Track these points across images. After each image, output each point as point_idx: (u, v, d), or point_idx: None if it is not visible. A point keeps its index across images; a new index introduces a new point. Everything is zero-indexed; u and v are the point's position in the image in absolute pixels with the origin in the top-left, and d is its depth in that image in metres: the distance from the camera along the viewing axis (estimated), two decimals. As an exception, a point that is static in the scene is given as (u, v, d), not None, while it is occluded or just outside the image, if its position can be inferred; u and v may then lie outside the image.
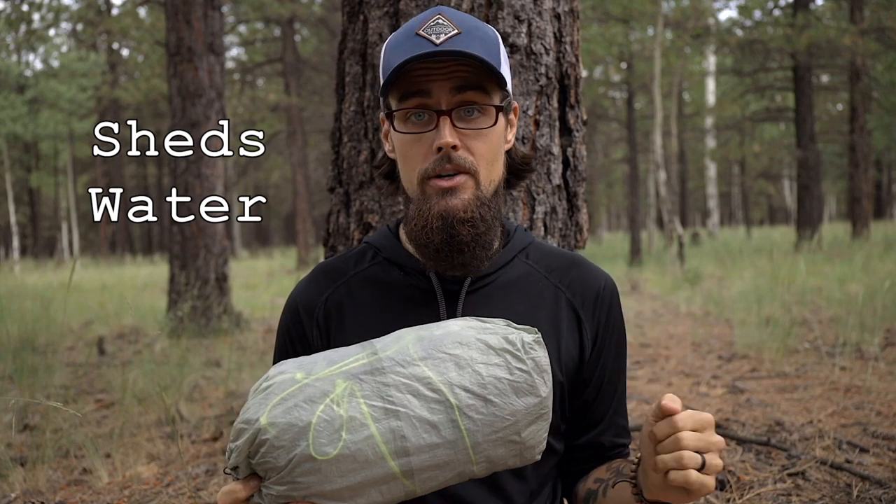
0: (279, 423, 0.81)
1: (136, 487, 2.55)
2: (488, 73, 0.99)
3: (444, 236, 0.99)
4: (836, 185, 35.74)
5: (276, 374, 0.87)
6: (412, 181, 1.03)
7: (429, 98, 0.99)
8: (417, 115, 1.01)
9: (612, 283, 1.15)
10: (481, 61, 0.97)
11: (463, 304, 1.06)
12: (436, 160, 0.99)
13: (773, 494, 2.17)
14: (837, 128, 22.34)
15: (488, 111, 1.01)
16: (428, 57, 0.96)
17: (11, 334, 5.00)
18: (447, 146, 0.98)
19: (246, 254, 31.73)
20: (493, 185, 1.04)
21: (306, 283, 1.15)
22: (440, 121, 0.99)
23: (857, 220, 15.85)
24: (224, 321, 6.49)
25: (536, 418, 0.87)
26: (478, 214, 1.00)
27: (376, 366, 0.85)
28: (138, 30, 19.02)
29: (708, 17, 17.13)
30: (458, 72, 0.99)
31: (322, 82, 22.85)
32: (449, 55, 0.96)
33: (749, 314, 5.73)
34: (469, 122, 1.00)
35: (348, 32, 1.95)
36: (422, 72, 0.99)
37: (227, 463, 0.85)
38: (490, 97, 1.02)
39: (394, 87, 1.01)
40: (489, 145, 1.02)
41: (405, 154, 1.03)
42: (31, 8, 24.36)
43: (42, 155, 29.64)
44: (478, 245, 1.01)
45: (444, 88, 0.99)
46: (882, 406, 3.16)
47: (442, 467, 0.84)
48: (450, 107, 0.99)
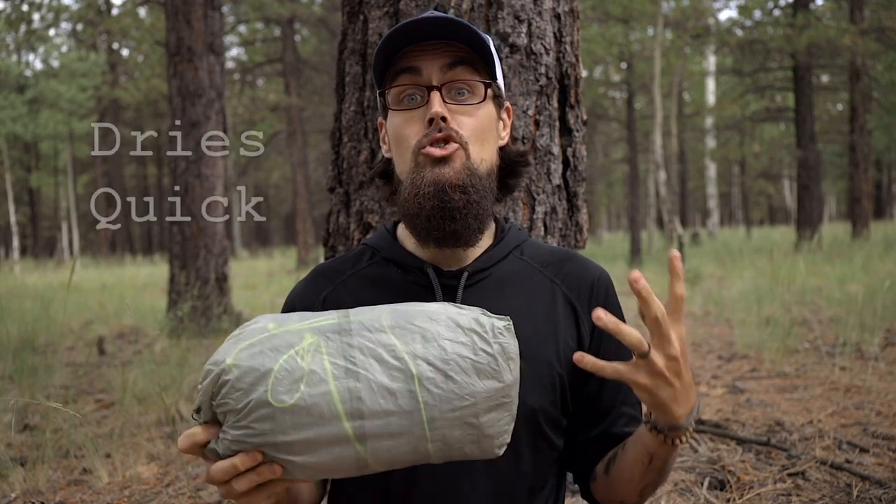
0: (242, 366, 0.82)
1: (136, 487, 2.55)
2: (478, 50, 1.03)
3: (436, 202, 1.00)
4: (836, 185, 35.76)
5: (250, 324, 0.89)
6: (406, 160, 1.05)
7: (419, 76, 1.03)
8: (409, 97, 1.04)
9: (606, 275, 1.16)
10: (469, 31, 1.01)
11: (461, 298, 1.07)
12: (427, 132, 1.02)
13: (773, 494, 2.17)
14: (837, 128, 22.35)
15: (477, 88, 1.05)
16: (416, 29, 1.00)
17: (11, 334, 5.00)
18: (437, 115, 1.01)
19: (246, 254, 31.73)
20: (485, 165, 1.06)
21: (304, 284, 1.16)
22: (430, 95, 1.02)
23: (857, 220, 15.85)
24: (224, 321, 6.49)
25: (497, 406, 0.87)
26: (468, 181, 1.01)
27: (344, 327, 0.86)
28: (138, 30, 19.02)
29: (708, 17, 17.14)
30: (448, 50, 1.03)
31: (322, 82, 22.86)
32: (437, 24, 1.00)
33: (749, 314, 5.73)
34: (459, 99, 1.04)
35: (348, 32, 1.95)
36: (413, 52, 1.03)
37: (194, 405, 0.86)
38: (479, 75, 1.05)
39: (386, 71, 1.05)
40: (478, 121, 1.05)
41: (399, 136, 1.05)
42: (31, 8, 24.36)
43: (42, 155, 29.65)
44: (469, 213, 1.02)
45: (435, 65, 1.02)
46: (882, 406, 3.16)
47: (395, 437, 0.84)
48: (440, 83, 1.03)
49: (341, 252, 1.95)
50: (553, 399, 1.07)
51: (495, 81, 1.08)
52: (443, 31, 1.02)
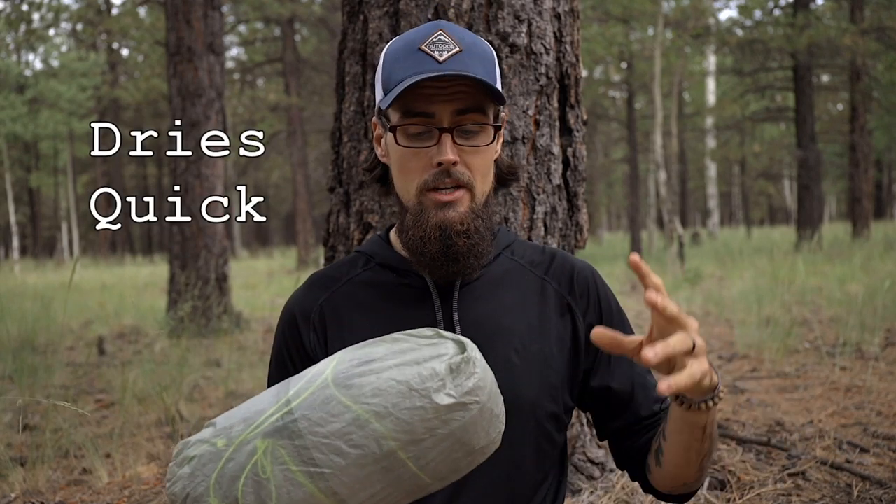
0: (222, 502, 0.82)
1: (136, 487, 2.55)
2: (488, 93, 1.04)
3: (441, 246, 1.03)
4: (837, 185, 35.73)
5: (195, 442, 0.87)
6: (410, 191, 1.07)
7: (431, 118, 1.04)
8: (419, 135, 1.05)
9: (592, 268, 1.19)
10: (484, 84, 1.01)
11: (457, 300, 1.09)
12: (435, 174, 1.04)
13: (774, 494, 2.17)
14: (837, 128, 22.33)
15: (486, 130, 1.07)
16: (435, 79, 1.00)
17: (11, 334, 5.00)
18: (448, 162, 1.02)
19: (246, 254, 31.72)
20: (485, 195, 1.09)
21: (301, 292, 1.17)
22: (442, 137, 1.03)
23: (857, 220, 15.84)
24: (224, 321, 6.49)
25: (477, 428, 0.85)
26: (473, 226, 1.05)
27: (291, 428, 0.83)
28: (138, 30, 19.02)
29: (708, 16, 17.14)
30: (460, 93, 1.03)
31: (322, 82, 22.85)
32: (454, 78, 1.01)
33: (749, 314, 5.73)
34: (468, 139, 1.05)
35: (348, 32, 1.95)
36: (427, 91, 1.02)
37: None
38: (488, 117, 1.07)
39: (396, 102, 1.05)
40: (485, 161, 1.08)
41: (404, 166, 1.07)
42: (31, 8, 24.35)
43: (42, 155, 29.64)
44: (472, 255, 1.05)
45: (448, 110, 1.03)
46: (882, 406, 3.16)
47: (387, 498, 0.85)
48: (451, 125, 1.04)
49: (341, 252, 1.95)
50: (551, 393, 1.08)
51: (500, 115, 1.11)
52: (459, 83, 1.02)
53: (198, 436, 0.90)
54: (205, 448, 0.86)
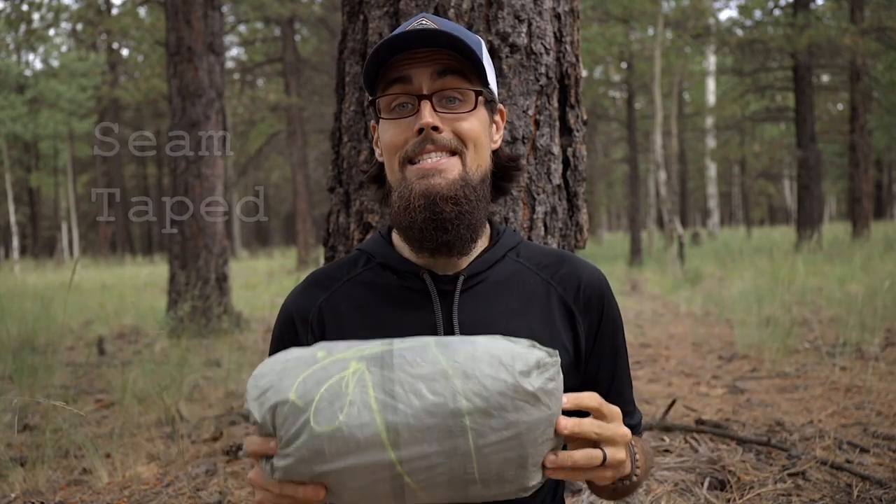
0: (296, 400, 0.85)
1: (136, 487, 2.55)
2: (468, 58, 1.03)
3: (428, 214, 1.00)
4: (837, 185, 35.72)
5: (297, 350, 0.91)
6: (394, 169, 1.05)
7: (410, 84, 1.02)
8: (401, 106, 1.04)
9: (602, 276, 1.16)
10: (457, 41, 1.00)
11: (458, 302, 1.06)
12: (416, 142, 1.02)
13: (774, 494, 2.17)
14: (837, 128, 22.33)
15: (468, 96, 1.04)
16: (405, 40, 0.99)
17: (11, 334, 5.00)
18: (427, 126, 1.00)
19: (246, 254, 31.73)
20: (480, 171, 1.06)
21: (299, 291, 1.15)
22: (421, 104, 1.02)
23: (857, 220, 15.84)
24: (224, 321, 6.48)
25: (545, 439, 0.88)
26: (462, 193, 1.02)
27: (387, 360, 0.87)
28: (138, 30, 19.00)
29: (708, 16, 17.13)
30: (438, 58, 1.02)
31: (322, 82, 22.85)
32: (425, 35, 1.00)
33: (749, 314, 5.73)
34: (450, 108, 1.03)
35: (348, 32, 1.95)
36: (403, 61, 1.02)
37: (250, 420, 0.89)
38: (469, 82, 1.04)
39: (377, 80, 1.04)
40: (473, 129, 1.04)
41: (389, 143, 1.05)
42: (31, 8, 24.35)
43: (42, 155, 29.64)
44: (461, 224, 1.02)
45: (425, 74, 1.02)
46: (882, 406, 3.16)
47: (434, 470, 0.85)
48: (431, 91, 1.02)
49: (341, 252, 1.94)
50: None
51: (487, 87, 1.07)
52: (433, 41, 1.01)
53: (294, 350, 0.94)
54: (304, 352, 0.90)
